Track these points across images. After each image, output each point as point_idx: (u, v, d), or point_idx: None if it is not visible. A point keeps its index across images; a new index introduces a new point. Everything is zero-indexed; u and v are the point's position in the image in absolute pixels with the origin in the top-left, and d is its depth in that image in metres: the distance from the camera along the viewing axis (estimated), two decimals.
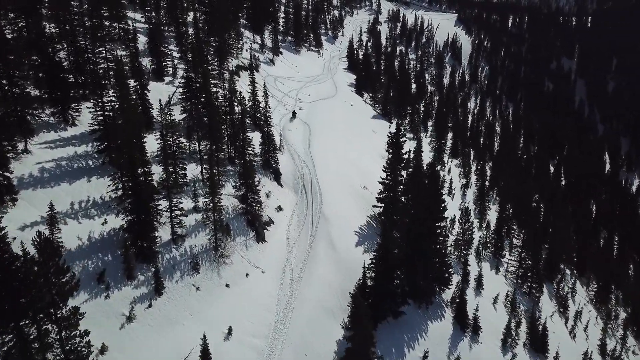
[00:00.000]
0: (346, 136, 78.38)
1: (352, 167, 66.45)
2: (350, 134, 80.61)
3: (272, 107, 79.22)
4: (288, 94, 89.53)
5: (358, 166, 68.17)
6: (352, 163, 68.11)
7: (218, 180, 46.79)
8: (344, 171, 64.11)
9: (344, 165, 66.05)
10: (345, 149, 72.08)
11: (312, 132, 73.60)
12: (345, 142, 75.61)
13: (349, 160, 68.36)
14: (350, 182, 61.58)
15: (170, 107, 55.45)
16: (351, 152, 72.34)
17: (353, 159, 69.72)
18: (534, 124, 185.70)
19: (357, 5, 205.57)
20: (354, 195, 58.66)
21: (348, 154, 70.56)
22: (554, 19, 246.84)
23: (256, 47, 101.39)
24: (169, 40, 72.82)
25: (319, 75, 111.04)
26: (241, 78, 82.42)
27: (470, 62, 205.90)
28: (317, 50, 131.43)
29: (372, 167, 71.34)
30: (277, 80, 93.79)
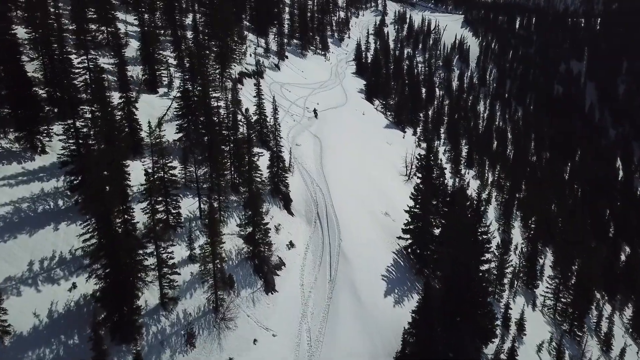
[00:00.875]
0: (360, 150, 69.87)
1: (369, 188, 57.98)
2: (364, 147, 72.11)
3: (279, 117, 70.92)
4: (295, 103, 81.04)
5: (376, 186, 59.71)
6: (369, 182, 59.66)
7: (220, 217, 38.38)
8: (362, 193, 55.63)
9: (360, 186, 57.58)
10: (360, 166, 63.58)
11: (324, 146, 65.09)
12: (359, 157, 67.12)
13: (365, 180, 59.89)
14: (369, 207, 53.12)
15: (164, 124, 47.16)
16: (367, 169, 63.87)
17: (370, 178, 61.26)
18: (544, 128, 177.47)
19: (363, 6, 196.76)
20: (375, 225, 50.20)
21: (364, 172, 62.08)
22: (562, 21, 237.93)
23: (260, 51, 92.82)
24: (165, 45, 64.28)
25: (327, 81, 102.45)
26: (245, 86, 73.89)
27: (478, 65, 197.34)
28: (324, 54, 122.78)
29: (391, 186, 62.95)
30: (284, 87, 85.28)
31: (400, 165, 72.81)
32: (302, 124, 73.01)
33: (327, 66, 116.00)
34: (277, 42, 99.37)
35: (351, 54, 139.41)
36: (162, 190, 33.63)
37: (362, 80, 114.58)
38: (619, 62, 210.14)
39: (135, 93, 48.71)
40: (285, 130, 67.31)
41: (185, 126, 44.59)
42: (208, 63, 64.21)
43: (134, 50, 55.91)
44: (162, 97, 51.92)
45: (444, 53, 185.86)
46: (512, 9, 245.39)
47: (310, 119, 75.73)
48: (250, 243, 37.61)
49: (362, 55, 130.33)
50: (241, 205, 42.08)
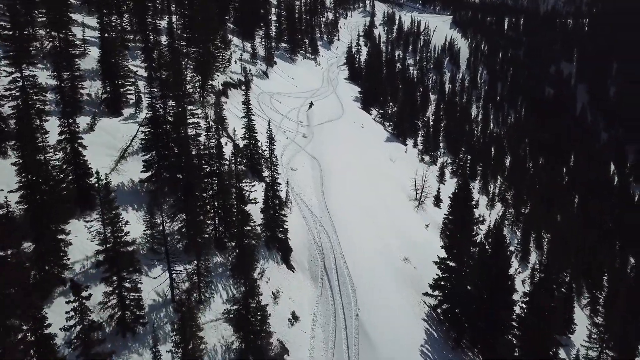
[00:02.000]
0: (364, 173, 59.22)
1: (382, 225, 47.29)
2: (367, 168, 61.47)
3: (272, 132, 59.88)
4: (287, 116, 70.08)
5: (389, 220, 49.05)
6: (381, 217, 48.97)
7: (200, 296, 27.45)
8: (374, 232, 44.97)
9: (371, 221, 46.90)
10: (367, 195, 52.87)
11: (324, 170, 54.25)
12: (364, 182, 56.47)
13: (375, 213, 49.20)
14: (387, 252, 42.46)
15: (128, 157, 35.99)
16: (375, 198, 53.25)
17: (380, 211, 50.60)
18: (537, 131, 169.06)
19: (351, 7, 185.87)
20: (395, 277, 39.52)
21: (372, 203, 51.37)
22: (550, 21, 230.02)
23: (247, 56, 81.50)
24: (135, 53, 52.88)
25: (319, 89, 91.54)
26: (230, 98, 62.72)
27: (469, 67, 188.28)
28: (314, 58, 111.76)
29: (405, 218, 52.49)
30: (273, 97, 74.24)
31: (409, 188, 62.40)
32: (297, 141, 62.12)
33: (318, 72, 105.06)
34: (265, 46, 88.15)
35: (342, 58, 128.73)
36: (114, 272, 22.65)
37: (356, 87, 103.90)
38: (608, 63, 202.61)
39: (92, 117, 37.43)
40: (279, 150, 56.40)
41: (153, 162, 33.52)
42: (186, 74, 53.05)
43: (93, 61, 44.41)
44: (128, 120, 40.56)
45: (434, 55, 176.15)
46: (499, 9, 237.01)
47: (306, 135, 64.88)
48: (242, 329, 26.73)
49: (354, 59, 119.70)
50: (228, 269, 31.15)
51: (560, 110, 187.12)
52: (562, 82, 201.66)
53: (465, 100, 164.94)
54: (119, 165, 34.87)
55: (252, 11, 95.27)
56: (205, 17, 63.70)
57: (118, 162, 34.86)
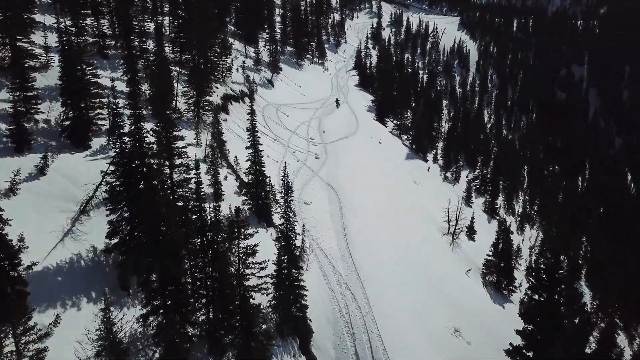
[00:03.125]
0: (390, 202, 49.09)
1: (420, 281, 37.08)
2: (392, 197, 51.25)
3: (279, 154, 49.83)
4: (296, 132, 59.85)
5: (426, 273, 38.80)
6: (418, 269, 38.73)
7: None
8: (413, 297, 34.67)
9: (407, 279, 36.61)
10: (397, 235, 42.69)
11: (343, 203, 43.98)
12: (392, 215, 46.34)
13: (410, 263, 38.96)
14: (431, 323, 32.33)
15: (92, 211, 25.78)
16: (406, 239, 43.05)
17: (414, 257, 40.38)
18: (549, 137, 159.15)
19: (357, 7, 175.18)
20: None
21: (404, 246, 41.21)
22: (559, 23, 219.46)
23: (250, 63, 71.17)
24: (117, 63, 42.56)
25: (329, 97, 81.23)
26: (231, 114, 52.46)
27: (478, 70, 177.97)
28: (322, 63, 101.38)
29: (444, 265, 42.26)
30: (280, 110, 64.02)
31: (440, 219, 52.18)
32: (309, 164, 51.83)
33: (327, 78, 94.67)
34: (270, 51, 77.79)
35: (349, 61, 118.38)
36: None
37: (368, 95, 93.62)
38: (620, 66, 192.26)
39: (44, 155, 27.08)
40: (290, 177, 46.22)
41: (121, 225, 23.28)
42: (176, 88, 42.87)
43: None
44: (97, 155, 30.20)
45: (443, 58, 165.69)
46: (507, 10, 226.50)
47: (319, 156, 54.56)
48: None
49: (363, 63, 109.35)
50: None
51: (572, 115, 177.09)
52: (573, 85, 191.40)
53: (476, 105, 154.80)
54: (77, 225, 24.69)
55: (255, 11, 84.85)
56: (204, 17, 53.48)
57: (75, 222, 24.66)
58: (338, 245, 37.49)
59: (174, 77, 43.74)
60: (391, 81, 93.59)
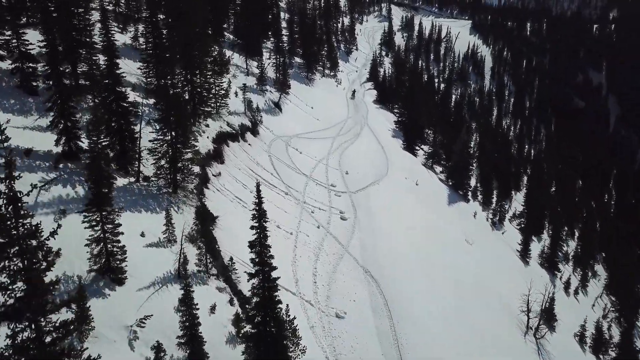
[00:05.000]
0: (451, 286, 33.70)
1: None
2: (449, 272, 35.84)
3: (292, 218, 34.31)
4: (313, 176, 44.19)
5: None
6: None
7: None
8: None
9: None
10: (474, 346, 27.35)
11: (394, 310, 28.51)
12: (459, 307, 30.99)
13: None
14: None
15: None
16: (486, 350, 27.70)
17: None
18: (571, 150, 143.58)
19: (366, 10, 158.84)
20: None
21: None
22: (573, 25, 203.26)
23: (252, 81, 55.42)
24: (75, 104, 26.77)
25: (347, 120, 65.59)
26: (227, 164, 36.72)
27: (493, 77, 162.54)
28: (334, 75, 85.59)
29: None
30: (290, 145, 48.32)
31: (515, 305, 36.72)
32: (334, 231, 36.22)
33: (341, 94, 78.83)
34: (276, 65, 61.94)
35: (362, 71, 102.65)
36: None
37: (389, 114, 78.00)
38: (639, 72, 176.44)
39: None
40: (306, 263, 30.75)
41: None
42: (137, 141, 27.29)
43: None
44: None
45: (458, 64, 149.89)
46: (519, 12, 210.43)
47: (345, 216, 38.89)
48: None
49: (379, 75, 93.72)
50: None
51: (592, 125, 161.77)
52: (591, 92, 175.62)
53: (494, 115, 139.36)
54: None
55: (257, 15, 68.84)
56: (194, 26, 37.84)
57: None
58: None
59: (137, 116, 28.06)
60: (413, 97, 77.51)
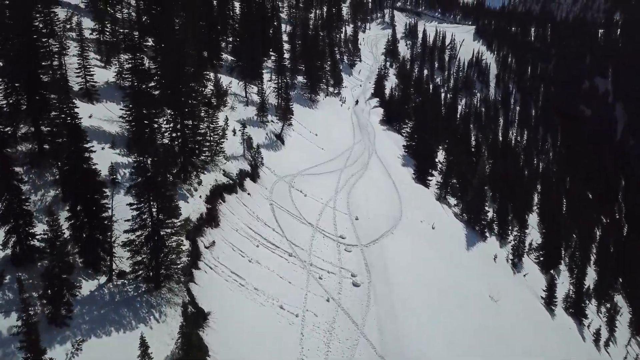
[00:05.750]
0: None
1: None
2: (480, 344, 30.80)
3: (297, 290, 29.21)
4: (318, 227, 38.92)
5: None
6: None
7: None
8: None
9: None
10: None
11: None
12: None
13: None
14: None
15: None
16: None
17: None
18: (577, 159, 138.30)
19: (369, 17, 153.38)
20: None
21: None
22: (578, 30, 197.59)
23: (252, 113, 50.19)
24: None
25: (353, 147, 60.45)
26: (224, 225, 31.51)
27: (498, 85, 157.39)
28: (338, 93, 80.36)
29: None
30: (294, 186, 43.13)
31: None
32: (345, 303, 31.02)
33: (346, 114, 73.66)
34: (278, 89, 56.62)
35: (366, 84, 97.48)
36: None
37: (397, 135, 73.10)
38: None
39: None
40: (314, 352, 25.64)
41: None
42: (110, 227, 21.92)
43: None
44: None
45: (462, 72, 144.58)
46: (523, 17, 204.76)
47: (358, 281, 33.64)
48: None
49: (384, 90, 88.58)
50: None
51: (599, 133, 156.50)
52: (598, 99, 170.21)
53: (501, 126, 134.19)
54: None
55: (257, 27, 63.30)
56: (181, 51, 32.45)
57: None
58: None
59: (116, 183, 22.89)
60: (423, 117, 72.20)
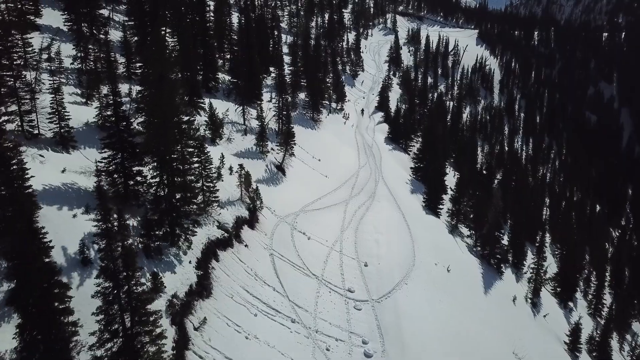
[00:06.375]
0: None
1: None
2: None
3: (304, 355, 24.48)
4: (324, 278, 34.61)
5: None
6: None
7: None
8: None
9: None
10: None
11: None
12: None
13: None
14: None
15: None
16: None
17: None
18: (584, 168, 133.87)
19: (370, 23, 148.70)
20: None
21: None
22: (583, 35, 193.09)
23: (250, 141, 45.83)
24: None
25: (359, 171, 56.20)
26: (217, 291, 27.20)
27: (502, 91, 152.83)
28: (340, 108, 75.98)
29: None
30: (296, 227, 38.83)
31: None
32: None
33: (350, 133, 69.32)
34: (278, 111, 52.25)
35: (370, 96, 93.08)
36: None
37: (403, 155, 68.90)
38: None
39: None
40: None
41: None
42: None
43: None
44: None
45: (466, 79, 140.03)
46: (526, 21, 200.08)
47: (369, 351, 29.36)
48: None
49: (389, 103, 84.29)
50: None
51: (605, 140, 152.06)
52: (603, 105, 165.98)
53: (506, 134, 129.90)
54: None
55: (253, 44, 58.92)
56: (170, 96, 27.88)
57: None
58: None
59: None
60: (430, 137, 67.83)
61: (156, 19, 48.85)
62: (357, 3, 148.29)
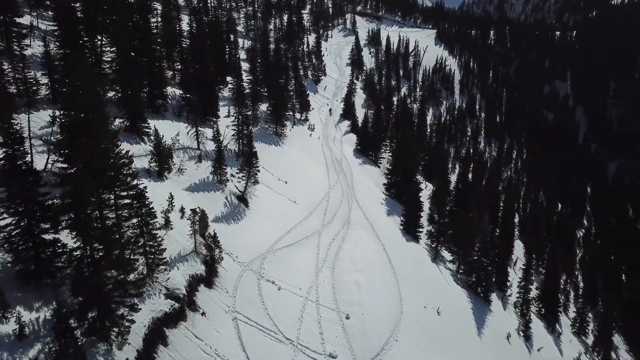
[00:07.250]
0: None
1: None
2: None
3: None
4: (300, 343, 28.28)
5: None
6: None
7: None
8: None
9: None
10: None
11: None
12: None
13: None
14: None
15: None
16: None
17: None
18: (542, 168, 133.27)
19: (330, 24, 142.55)
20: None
21: None
22: (536, 34, 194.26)
23: (206, 169, 38.86)
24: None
25: (330, 192, 50.15)
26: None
27: (462, 92, 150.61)
28: (305, 118, 69.70)
29: None
30: (263, 275, 32.34)
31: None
32: None
33: (317, 147, 63.09)
34: (238, 130, 45.44)
35: (334, 103, 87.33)
36: None
37: (374, 168, 63.30)
38: (605, 82, 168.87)
39: None
40: None
41: None
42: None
43: None
44: None
45: (427, 80, 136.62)
46: (482, 21, 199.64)
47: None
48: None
49: (354, 110, 78.75)
50: None
51: (561, 139, 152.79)
52: (559, 103, 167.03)
53: (469, 138, 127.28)
54: None
55: (207, 52, 51.84)
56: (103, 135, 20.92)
57: None
58: None
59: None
60: (401, 149, 62.48)
61: (92, 26, 41.19)
62: (315, 3, 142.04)
